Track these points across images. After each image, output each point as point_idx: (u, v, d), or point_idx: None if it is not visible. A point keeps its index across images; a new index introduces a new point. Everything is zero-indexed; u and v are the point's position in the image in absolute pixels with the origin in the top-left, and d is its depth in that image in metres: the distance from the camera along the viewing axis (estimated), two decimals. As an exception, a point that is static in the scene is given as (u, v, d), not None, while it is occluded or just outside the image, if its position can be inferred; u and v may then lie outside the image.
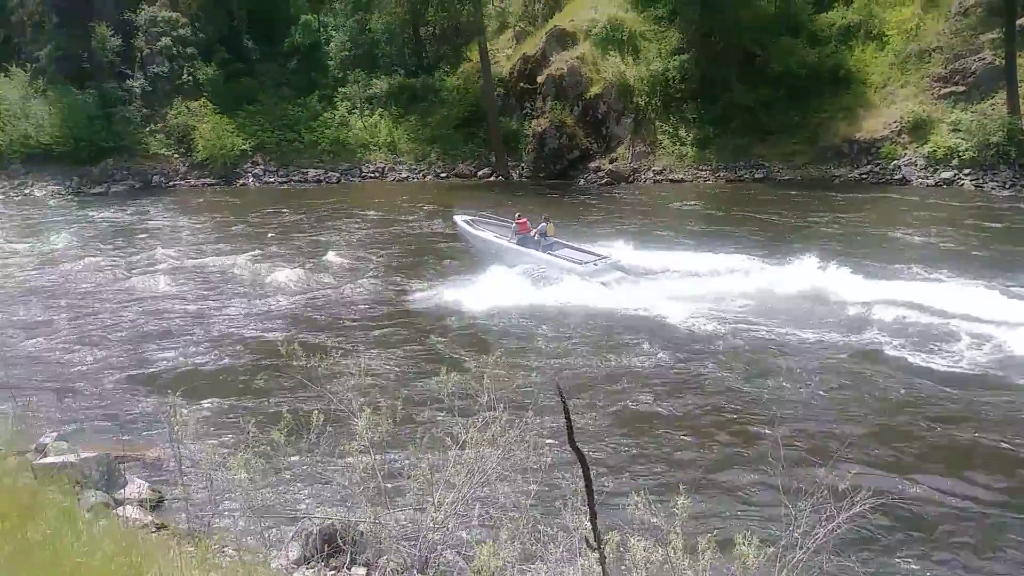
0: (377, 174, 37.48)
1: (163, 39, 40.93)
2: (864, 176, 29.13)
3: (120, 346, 14.43)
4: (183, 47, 41.29)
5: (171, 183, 38.20)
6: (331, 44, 42.35)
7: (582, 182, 32.47)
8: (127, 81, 40.71)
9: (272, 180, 37.88)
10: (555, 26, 35.49)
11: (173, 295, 17.90)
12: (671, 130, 32.77)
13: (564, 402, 4.23)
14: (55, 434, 9.95)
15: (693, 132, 32.43)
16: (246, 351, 13.94)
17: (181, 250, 22.70)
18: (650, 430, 10.70)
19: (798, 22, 32.55)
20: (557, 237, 19.18)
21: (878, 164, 29.16)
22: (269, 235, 24.64)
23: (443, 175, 36.40)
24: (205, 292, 18.15)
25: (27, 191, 37.90)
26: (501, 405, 7.17)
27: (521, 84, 35.95)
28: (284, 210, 29.33)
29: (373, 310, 16.39)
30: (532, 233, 18.97)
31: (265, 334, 14.89)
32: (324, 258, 20.82)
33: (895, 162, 28.83)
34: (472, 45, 37.72)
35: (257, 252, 21.85)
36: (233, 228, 26.21)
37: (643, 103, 32.84)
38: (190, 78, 41.01)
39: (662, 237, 21.72)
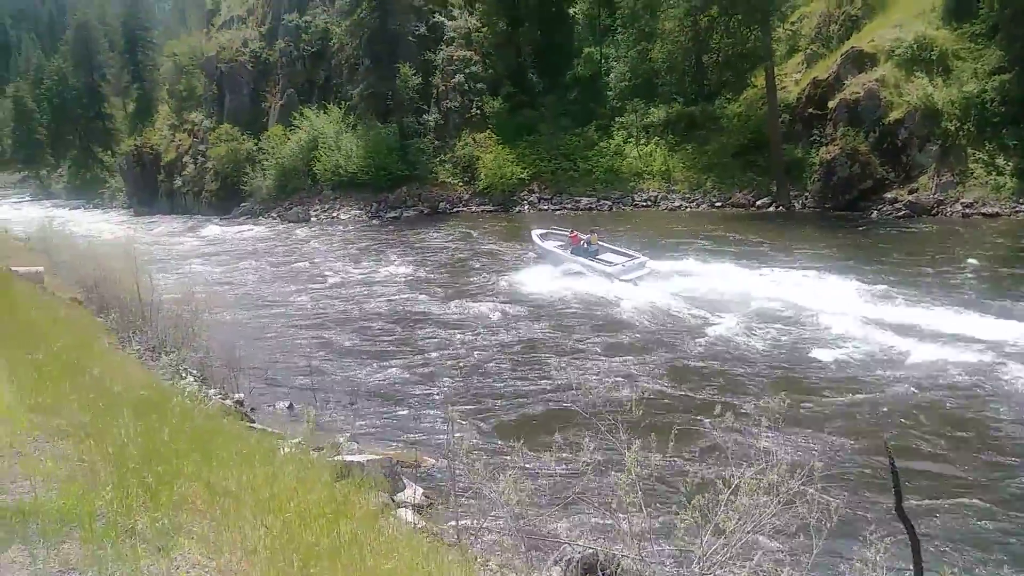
0: (649, 203, 37.54)
1: (457, 76, 44.62)
2: None
3: (413, 360, 15.66)
4: (474, 83, 44.70)
5: (455, 209, 41.27)
6: (611, 75, 43.34)
7: (875, 214, 29.95)
8: (423, 116, 44.84)
9: (546, 207, 39.43)
10: (852, 47, 33.29)
11: (477, 316, 18.96)
12: (986, 158, 29.17)
13: (893, 464, 3.80)
14: (347, 435, 10.99)
15: (1014, 160, 28.59)
16: (531, 375, 14.46)
17: (490, 274, 24.14)
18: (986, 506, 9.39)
19: None
20: (603, 244, 23.82)
21: None
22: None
23: (718, 204, 35.54)
24: (507, 314, 19.07)
25: (334, 214, 43.09)
26: (782, 450, 6.71)
27: (809, 110, 34.15)
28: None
29: (657, 335, 16.31)
30: (582, 243, 23.58)
31: (552, 359, 15.33)
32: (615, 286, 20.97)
33: None
34: (758, 71, 36.58)
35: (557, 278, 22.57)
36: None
37: (953, 128, 29.61)
38: (478, 111, 44.24)
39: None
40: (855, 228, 28.19)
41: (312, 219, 43.28)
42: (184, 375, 13.80)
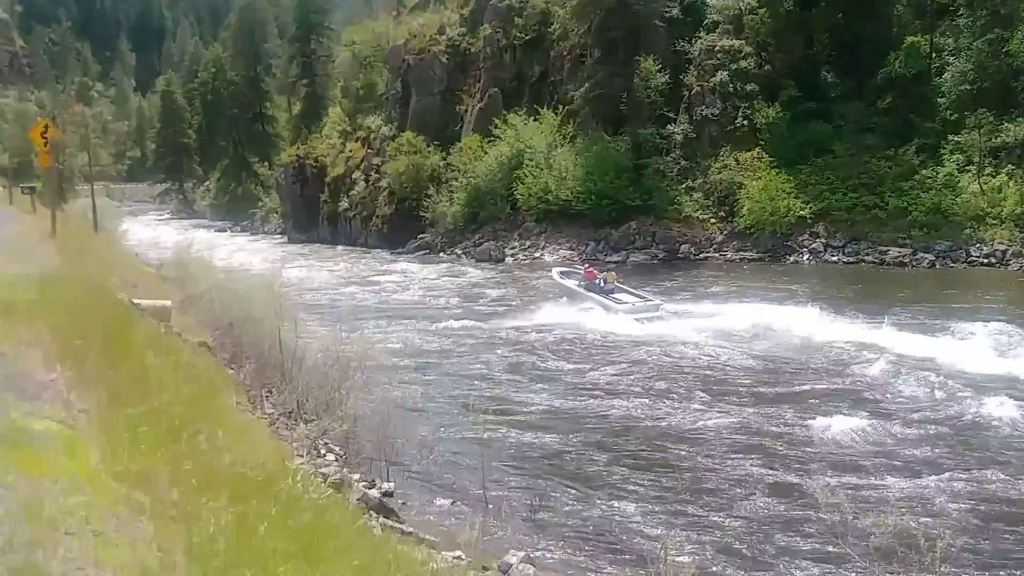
0: (993, 260, 35.36)
1: (719, 74, 44.72)
2: None
3: (620, 468, 15.47)
4: (741, 83, 44.53)
5: (701, 254, 41.26)
6: (945, 75, 41.51)
7: None
8: (667, 126, 45.23)
9: (834, 258, 38.46)
10: None
11: (722, 426, 18.40)
12: None
13: None
14: (522, 554, 11.01)
15: None
16: (770, 491, 13.98)
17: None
18: None
19: None
20: (620, 284, 30.80)
21: None
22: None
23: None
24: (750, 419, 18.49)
25: (537, 253, 44.11)
26: None
27: None
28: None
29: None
30: (597, 280, 30.49)
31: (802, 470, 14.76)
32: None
33: None
34: None
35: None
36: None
37: None
38: (744, 122, 44.01)
39: None
40: None
41: (508, 258, 44.84)
42: (323, 451, 14.52)
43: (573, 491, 14.40)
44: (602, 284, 30.32)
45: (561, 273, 33.64)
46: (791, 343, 24.03)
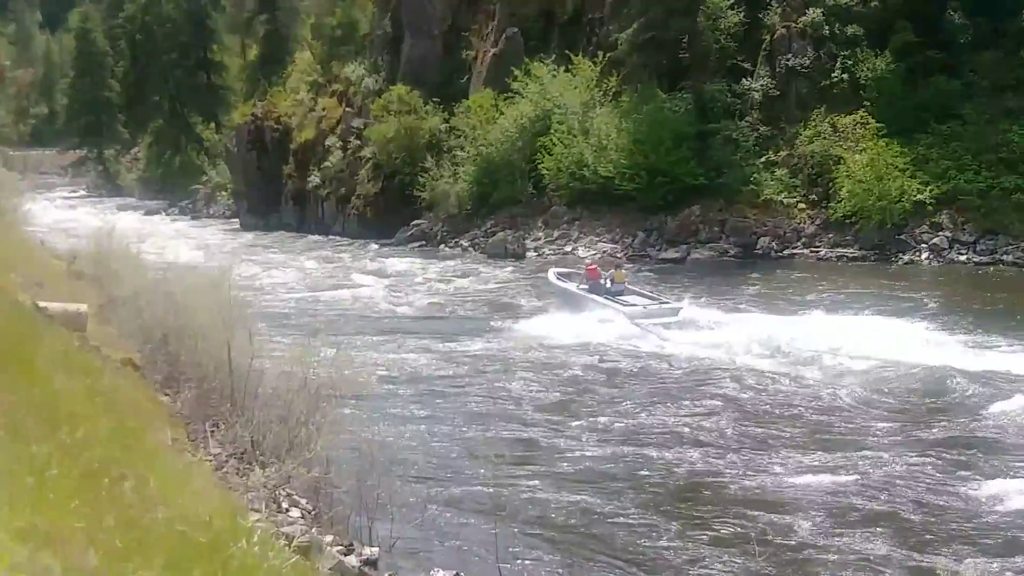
0: None
1: (810, 11, 44.57)
2: None
3: (692, 548, 15.23)
4: (841, 25, 44.32)
5: (786, 250, 41.28)
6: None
7: None
8: (742, 80, 45.20)
9: (963, 256, 38.44)
10: None
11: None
12: None
13: None
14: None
15: None
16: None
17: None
18: None
19: None
20: (630, 286, 32.59)
21: None
22: None
23: None
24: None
25: (567, 247, 44.01)
26: None
27: None
28: None
29: None
30: (602, 280, 31.97)
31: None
32: None
33: None
34: None
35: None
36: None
37: None
38: (844, 76, 43.78)
39: None
40: None
41: (529, 253, 45.02)
42: (286, 505, 14.42)
43: (622, 571, 14.26)
44: (608, 284, 31.67)
45: (559, 275, 34.98)
46: (920, 373, 23.63)
